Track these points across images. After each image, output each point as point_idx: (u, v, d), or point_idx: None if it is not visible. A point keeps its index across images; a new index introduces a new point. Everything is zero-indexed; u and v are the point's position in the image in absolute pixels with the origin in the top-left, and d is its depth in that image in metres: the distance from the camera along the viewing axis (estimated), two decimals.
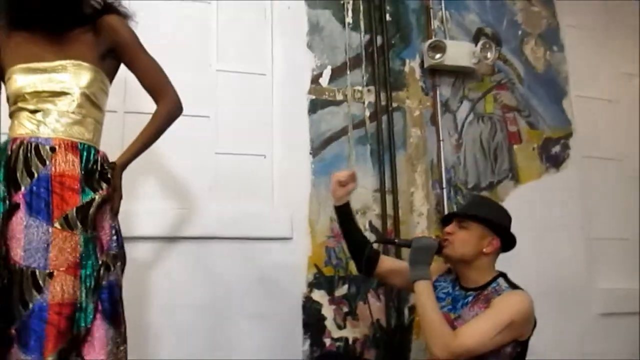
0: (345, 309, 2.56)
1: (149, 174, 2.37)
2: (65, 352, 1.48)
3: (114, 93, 1.81)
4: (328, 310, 2.54)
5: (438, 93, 2.91)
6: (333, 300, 2.55)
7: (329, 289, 2.55)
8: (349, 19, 2.82)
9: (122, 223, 1.70)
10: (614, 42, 3.35)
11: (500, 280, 1.83)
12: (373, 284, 2.60)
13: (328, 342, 2.51)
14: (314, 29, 2.76)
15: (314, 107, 2.69)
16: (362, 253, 2.04)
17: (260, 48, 2.67)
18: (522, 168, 3.02)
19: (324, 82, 2.73)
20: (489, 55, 2.93)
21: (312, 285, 2.54)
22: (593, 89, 3.25)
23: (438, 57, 2.82)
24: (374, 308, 2.59)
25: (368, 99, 2.78)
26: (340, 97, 2.74)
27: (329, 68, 2.75)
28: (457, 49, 2.86)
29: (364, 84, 2.78)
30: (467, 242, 1.84)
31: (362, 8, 2.85)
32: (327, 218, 2.60)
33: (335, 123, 2.71)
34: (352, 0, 2.83)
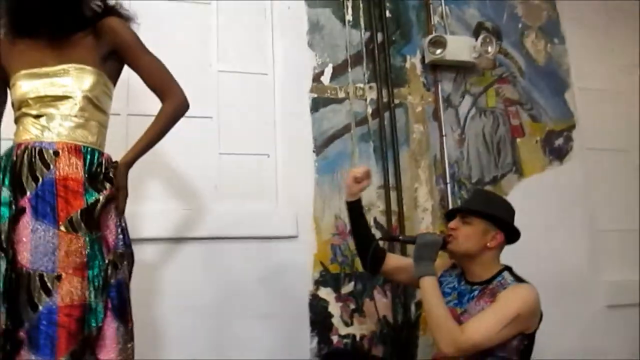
0: (352, 306, 2.57)
1: (154, 176, 2.38)
2: (78, 353, 1.49)
3: (117, 96, 1.81)
4: (335, 308, 2.55)
5: (440, 88, 2.91)
6: (340, 298, 2.56)
7: (336, 287, 2.56)
8: (349, 17, 2.82)
9: (128, 225, 1.71)
10: (615, 33, 3.35)
11: (506, 274, 1.84)
12: (379, 281, 2.60)
13: (335, 339, 2.52)
14: (314, 28, 2.76)
15: (316, 105, 2.69)
16: (368, 251, 2.05)
17: (261, 48, 2.67)
18: (525, 161, 3.02)
19: (326, 80, 2.73)
20: (490, 50, 2.92)
21: (318, 283, 2.54)
22: (595, 81, 3.25)
23: (439, 52, 2.82)
24: (381, 304, 2.60)
25: (370, 96, 2.78)
26: (342, 94, 2.74)
27: (330, 66, 2.75)
28: (457, 44, 2.86)
29: (366, 81, 2.79)
30: (470, 237, 1.84)
31: (361, 5, 2.85)
32: (331, 215, 2.61)
33: (338, 121, 2.71)
34: None
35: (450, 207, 2.74)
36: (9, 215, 1.52)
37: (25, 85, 1.64)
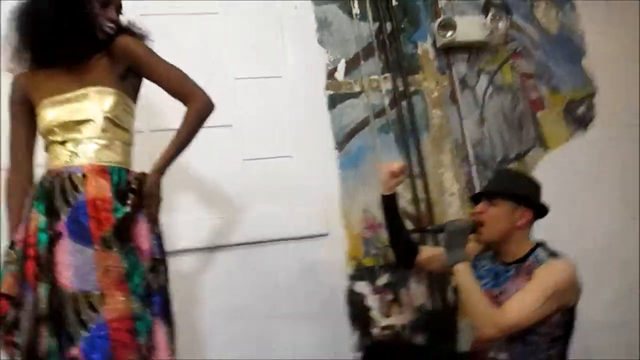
0: (389, 297, 2.57)
1: (183, 189, 2.41)
2: None
3: (138, 113, 1.84)
4: (372, 300, 2.56)
5: (454, 71, 2.89)
6: (376, 290, 2.57)
7: (371, 279, 2.57)
8: (356, 10, 2.81)
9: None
10: None
11: (539, 250, 1.83)
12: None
13: (376, 332, 2.53)
14: (323, 25, 2.76)
15: (333, 101, 2.70)
16: (404, 247, 2.06)
17: (273, 51, 2.68)
18: (548, 134, 2.98)
19: (340, 75, 2.74)
20: (500, 26, 2.89)
21: (353, 278, 2.56)
22: (611, 44, 3.16)
23: (449, 35, 2.80)
24: (417, 293, 2.60)
25: (385, 87, 2.77)
26: (358, 88, 2.75)
27: (343, 61, 2.75)
28: (467, 24, 2.84)
29: (380, 73, 2.78)
30: (498, 219, 1.84)
31: None
32: (359, 210, 2.61)
33: (356, 115, 2.72)
34: None
35: (477, 188, 2.72)
36: (47, 241, 1.58)
37: (49, 114, 1.69)
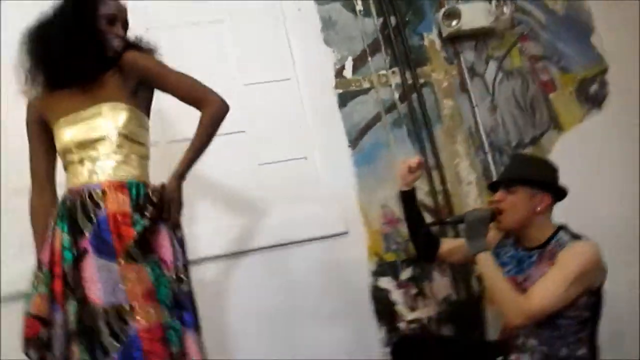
0: (414, 291, 2.58)
1: (201, 198, 2.44)
2: None
3: (152, 125, 1.86)
4: (397, 295, 2.56)
5: (462, 60, 2.88)
6: (400, 285, 2.57)
7: (394, 274, 2.57)
8: (359, 7, 2.81)
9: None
10: None
11: (561, 233, 1.82)
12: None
13: (403, 326, 2.53)
14: (328, 24, 2.77)
15: (344, 100, 2.71)
16: (424, 241, 2.06)
17: (280, 54, 2.69)
18: (562, 115, 2.95)
19: (348, 73, 2.74)
20: (506, 10, 2.88)
21: (376, 274, 2.56)
22: (619, 18, 3.11)
23: (454, 24, 2.79)
24: (442, 284, 2.60)
25: (394, 81, 2.77)
26: (367, 85, 2.75)
27: (350, 59, 2.76)
28: (472, 12, 2.82)
29: (388, 67, 2.78)
30: (518, 206, 1.83)
31: None
32: (378, 205, 2.62)
33: (367, 111, 2.72)
34: None
35: (494, 176, 2.71)
36: (72, 258, 1.61)
37: (66, 133, 1.72)
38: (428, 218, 2.53)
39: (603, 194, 2.82)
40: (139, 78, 1.77)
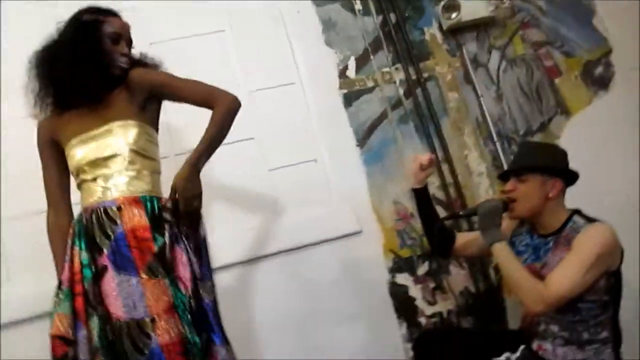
0: (432, 285, 2.58)
1: (213, 206, 2.44)
2: None
3: (161, 140, 1.88)
4: (415, 291, 2.56)
5: (465, 51, 2.88)
6: (418, 280, 2.57)
7: (411, 270, 2.58)
8: (359, 6, 2.82)
9: None
10: None
11: (576, 218, 1.82)
12: None
13: (423, 321, 2.53)
14: (328, 25, 2.78)
15: (349, 100, 2.72)
16: (438, 236, 2.06)
17: (282, 59, 2.71)
18: (569, 99, 2.93)
19: (351, 73, 2.75)
20: None
21: (393, 271, 2.56)
22: None
23: (454, 16, 2.79)
24: (459, 277, 2.59)
25: (398, 78, 2.78)
26: (371, 83, 2.76)
27: (353, 59, 2.77)
28: (471, 2, 2.81)
29: (390, 64, 2.79)
30: (530, 194, 1.83)
31: None
32: (390, 203, 2.63)
33: (373, 110, 2.73)
34: None
35: (504, 165, 2.71)
36: (91, 275, 1.63)
37: (78, 153, 1.75)
38: (441, 212, 2.53)
39: (615, 177, 2.79)
40: (148, 93, 1.80)
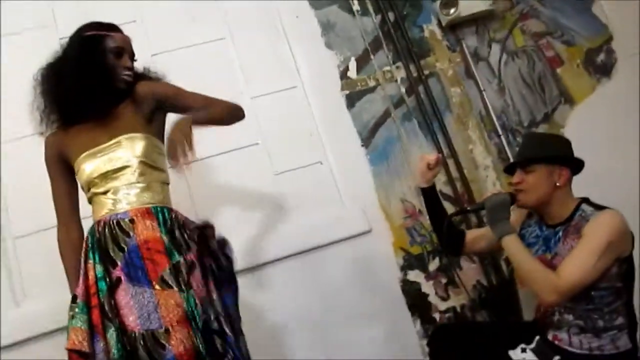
0: (444, 280, 2.58)
1: (222, 213, 2.46)
2: None
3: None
4: (428, 287, 2.57)
5: (465, 46, 2.89)
6: (429, 276, 2.58)
7: (422, 267, 2.58)
8: (356, 7, 2.84)
9: None
10: None
11: (584, 206, 1.81)
12: None
13: (437, 316, 2.54)
14: (327, 28, 2.80)
15: (351, 100, 2.73)
16: (447, 234, 2.06)
17: (283, 63, 2.73)
18: (572, 88, 2.93)
19: (353, 74, 2.77)
20: None
21: (405, 268, 2.57)
22: None
23: (453, 11, 2.79)
24: (471, 271, 2.60)
25: (399, 76, 2.79)
26: (373, 83, 2.77)
27: (353, 59, 2.78)
28: None
29: (391, 63, 2.80)
30: (538, 184, 1.82)
31: None
32: (397, 201, 2.63)
33: (376, 109, 2.74)
34: None
35: (510, 157, 2.71)
36: (106, 288, 1.64)
37: (88, 167, 1.76)
38: (449, 207, 2.54)
39: (621, 163, 2.77)
40: (154, 105, 1.82)
